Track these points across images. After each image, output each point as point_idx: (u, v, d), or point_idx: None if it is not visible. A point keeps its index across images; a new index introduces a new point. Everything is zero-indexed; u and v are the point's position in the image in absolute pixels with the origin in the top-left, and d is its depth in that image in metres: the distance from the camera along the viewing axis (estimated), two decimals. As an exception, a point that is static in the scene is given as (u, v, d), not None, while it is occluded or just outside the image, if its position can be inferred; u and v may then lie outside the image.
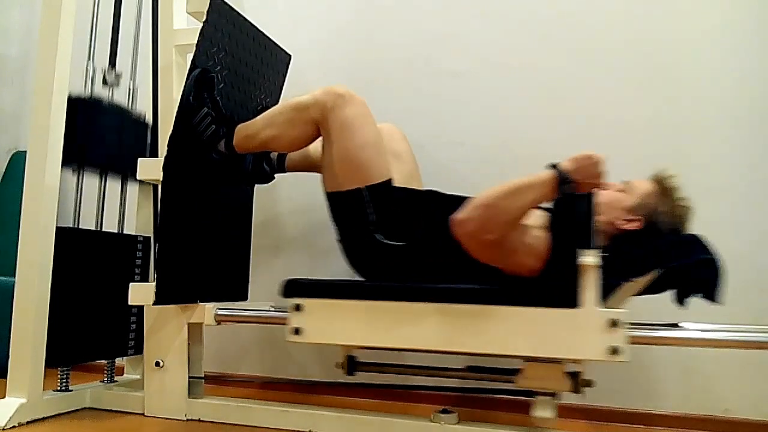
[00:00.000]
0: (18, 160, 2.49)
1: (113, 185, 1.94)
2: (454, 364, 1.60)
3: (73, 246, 1.71)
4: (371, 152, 1.50)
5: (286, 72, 1.98)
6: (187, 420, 1.66)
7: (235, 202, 1.87)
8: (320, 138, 1.55)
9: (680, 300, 1.36)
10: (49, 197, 1.64)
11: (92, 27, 1.86)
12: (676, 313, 1.47)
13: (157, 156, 1.75)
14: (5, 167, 2.54)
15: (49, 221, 1.63)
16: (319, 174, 1.60)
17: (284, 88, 1.98)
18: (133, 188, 1.97)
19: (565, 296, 1.27)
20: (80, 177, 1.81)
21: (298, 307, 1.45)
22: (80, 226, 1.81)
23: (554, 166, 1.30)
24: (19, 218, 1.62)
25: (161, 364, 1.70)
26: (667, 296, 1.39)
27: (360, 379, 1.78)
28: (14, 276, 1.61)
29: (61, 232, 1.67)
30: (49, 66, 1.64)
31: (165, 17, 1.79)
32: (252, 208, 1.97)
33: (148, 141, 1.95)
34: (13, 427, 1.53)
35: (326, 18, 2.21)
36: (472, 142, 2.01)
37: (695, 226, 1.46)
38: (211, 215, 1.74)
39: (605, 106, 1.92)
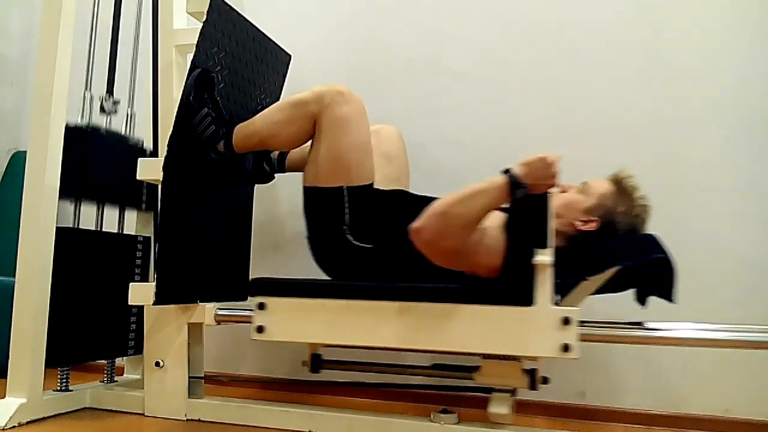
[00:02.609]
0: (18, 160, 2.49)
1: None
2: (424, 363, 1.67)
3: (73, 246, 1.71)
4: (359, 154, 1.53)
5: (286, 72, 1.98)
6: (187, 420, 1.66)
7: (235, 202, 1.87)
8: None
9: (640, 299, 1.37)
10: (49, 197, 1.64)
11: (89, 55, 1.85)
12: (680, 311, 1.47)
13: (157, 156, 1.75)
14: (5, 167, 2.54)
15: (49, 221, 1.64)
16: None
17: (284, 88, 1.98)
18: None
19: (521, 295, 1.29)
20: (78, 207, 1.79)
21: (261, 306, 1.47)
22: (80, 226, 1.81)
23: (507, 171, 1.32)
24: (19, 218, 1.62)
25: (161, 364, 1.70)
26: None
27: (359, 379, 1.78)
28: (14, 276, 1.61)
29: (61, 232, 1.67)
30: (49, 66, 1.64)
31: (165, 17, 1.78)
32: (252, 208, 1.97)
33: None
34: (13, 427, 1.53)
35: (326, 18, 2.21)
36: (472, 142, 2.01)
37: (694, 225, 1.45)
38: (211, 215, 1.74)
39: (605, 106, 1.92)
